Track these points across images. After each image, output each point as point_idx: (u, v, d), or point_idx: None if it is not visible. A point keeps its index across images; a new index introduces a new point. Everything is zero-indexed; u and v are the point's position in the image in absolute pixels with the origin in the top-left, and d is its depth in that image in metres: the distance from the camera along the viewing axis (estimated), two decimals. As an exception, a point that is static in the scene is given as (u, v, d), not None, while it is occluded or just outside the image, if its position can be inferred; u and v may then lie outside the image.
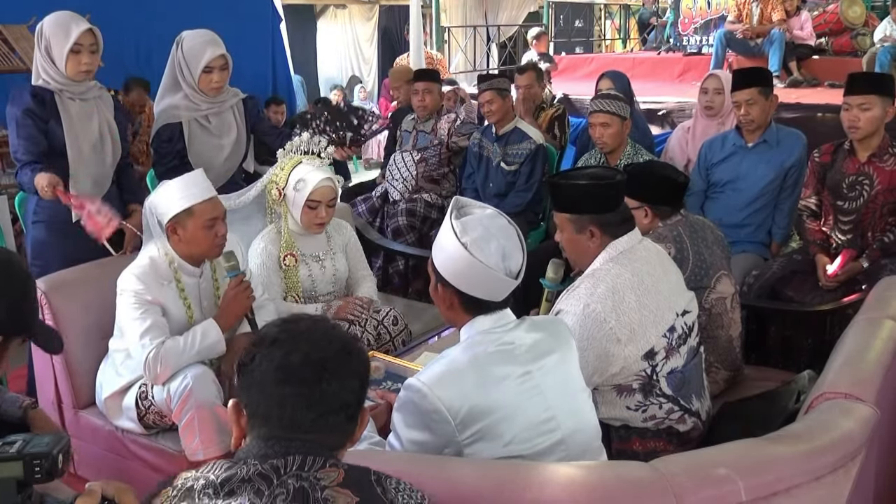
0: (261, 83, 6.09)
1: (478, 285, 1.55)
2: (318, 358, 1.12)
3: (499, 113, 3.98)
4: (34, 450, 1.03)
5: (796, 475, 1.34)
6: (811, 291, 2.96)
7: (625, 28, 14.44)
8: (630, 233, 2.00)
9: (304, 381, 1.11)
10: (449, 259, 1.56)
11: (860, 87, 2.88)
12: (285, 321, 1.20)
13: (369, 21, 12.42)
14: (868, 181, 2.92)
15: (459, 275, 1.55)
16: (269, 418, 1.11)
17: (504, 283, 1.55)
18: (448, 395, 1.48)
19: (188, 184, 2.28)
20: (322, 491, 1.05)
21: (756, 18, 6.86)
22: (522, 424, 1.52)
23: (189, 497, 1.06)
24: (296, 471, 1.06)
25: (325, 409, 1.12)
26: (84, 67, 2.67)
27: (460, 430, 1.49)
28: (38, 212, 2.79)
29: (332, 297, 2.83)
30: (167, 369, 2.22)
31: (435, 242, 1.62)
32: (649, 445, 2.00)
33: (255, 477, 1.05)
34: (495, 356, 1.54)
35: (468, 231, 1.54)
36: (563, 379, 1.61)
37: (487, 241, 1.53)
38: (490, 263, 1.52)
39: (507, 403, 1.52)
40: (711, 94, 3.74)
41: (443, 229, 1.58)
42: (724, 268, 2.38)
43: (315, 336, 1.16)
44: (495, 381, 1.52)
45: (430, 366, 1.56)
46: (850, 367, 1.73)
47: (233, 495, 1.04)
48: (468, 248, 1.52)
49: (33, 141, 2.65)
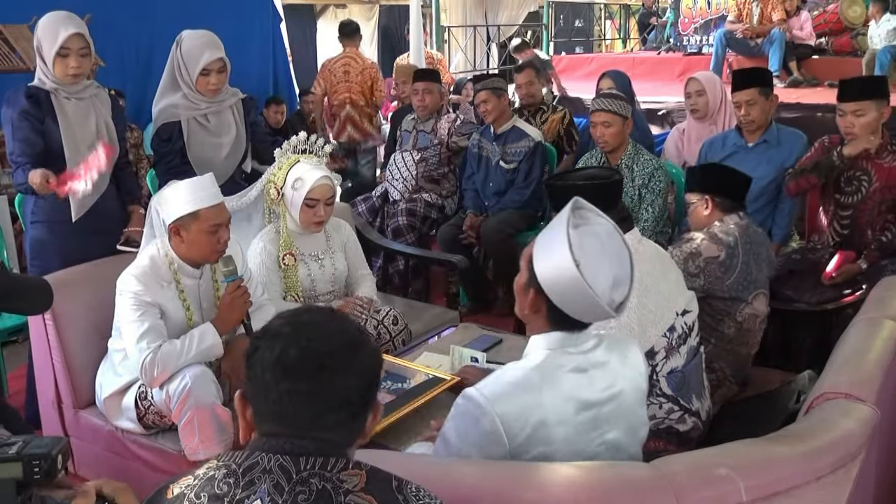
0: (261, 83, 6.09)
1: (574, 305, 1.43)
2: (317, 352, 1.07)
3: (494, 112, 3.98)
4: (33, 451, 1.03)
5: (796, 475, 1.34)
6: (810, 291, 2.96)
7: (625, 28, 14.45)
8: (629, 233, 2.00)
9: (302, 376, 1.07)
10: (555, 269, 1.42)
11: (853, 94, 2.88)
12: (292, 312, 1.15)
13: (369, 21, 12.40)
14: (866, 177, 2.92)
15: (560, 289, 1.42)
16: (269, 413, 1.09)
17: (602, 312, 1.42)
18: (510, 416, 1.39)
19: (196, 187, 2.28)
20: (346, 495, 1.03)
21: (756, 18, 6.86)
22: (571, 458, 1.44)
23: (209, 485, 1.05)
24: (318, 470, 1.04)
25: (325, 406, 1.07)
26: (72, 71, 2.65)
27: (513, 455, 1.41)
28: (37, 212, 2.78)
29: (331, 296, 2.83)
30: (164, 373, 2.22)
31: (541, 240, 1.48)
32: (649, 445, 1.98)
33: (276, 469, 1.04)
34: (566, 382, 1.44)
35: (584, 248, 1.40)
36: (620, 412, 1.52)
37: (601, 265, 1.40)
38: (597, 290, 1.39)
39: (565, 436, 1.43)
40: (694, 97, 3.74)
41: (555, 233, 1.43)
42: (765, 287, 2.41)
43: (318, 329, 1.10)
44: (560, 408, 1.42)
45: (494, 378, 1.46)
46: (850, 367, 1.73)
47: (252, 486, 1.03)
48: (580, 267, 1.38)
49: (29, 143, 2.64)
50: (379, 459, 1.37)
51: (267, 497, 1.02)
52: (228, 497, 1.03)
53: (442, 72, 6.40)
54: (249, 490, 1.03)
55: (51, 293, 1.67)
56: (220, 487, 1.04)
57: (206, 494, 1.04)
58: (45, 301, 1.66)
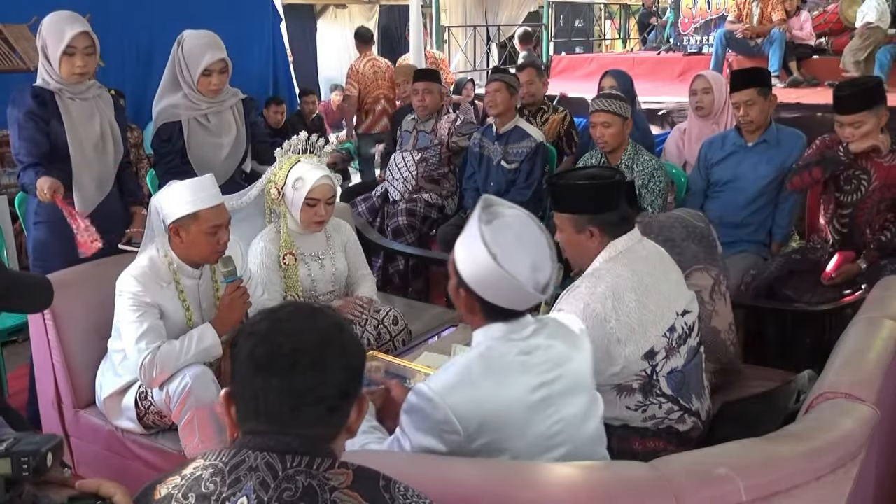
0: (261, 83, 6.09)
1: (503, 296, 1.49)
2: (290, 348, 1.07)
3: (502, 105, 3.96)
4: (23, 448, 1.03)
5: (796, 475, 1.34)
6: (809, 291, 2.96)
7: (625, 28, 14.44)
8: (630, 232, 2.00)
9: (274, 372, 1.07)
10: (476, 267, 1.49)
11: (849, 106, 2.85)
12: (271, 309, 1.15)
13: (369, 21, 12.41)
14: (866, 176, 2.92)
15: (485, 284, 1.49)
16: (249, 410, 1.09)
17: (530, 297, 1.49)
18: (460, 406, 1.45)
19: (197, 188, 2.28)
20: (331, 492, 1.03)
21: (756, 18, 6.86)
22: (530, 439, 1.50)
23: (197, 485, 1.05)
24: (304, 468, 1.05)
25: (300, 401, 1.07)
26: (78, 70, 2.66)
27: (469, 442, 1.47)
28: (40, 212, 2.79)
29: (331, 296, 2.83)
30: (163, 373, 2.22)
31: (460, 242, 1.55)
32: (649, 445, 1.99)
33: (263, 466, 1.04)
34: (511, 367, 1.50)
35: (499, 241, 1.46)
36: (573, 392, 1.58)
37: (518, 253, 1.47)
38: (520, 277, 1.45)
39: (519, 418, 1.49)
40: (700, 94, 3.75)
41: (470, 232, 1.51)
42: (698, 262, 2.35)
43: (292, 324, 1.10)
44: (509, 393, 1.48)
45: (443, 372, 1.52)
46: (850, 367, 1.73)
47: (238, 483, 1.04)
48: (497, 259, 1.44)
49: (35, 143, 2.65)
50: (379, 460, 1.38)
51: (253, 494, 1.02)
52: (215, 496, 1.04)
53: (443, 72, 6.42)
54: (235, 487, 1.03)
55: (51, 291, 1.68)
56: (206, 486, 1.04)
57: (193, 494, 1.04)
58: (45, 299, 1.66)
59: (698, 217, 2.47)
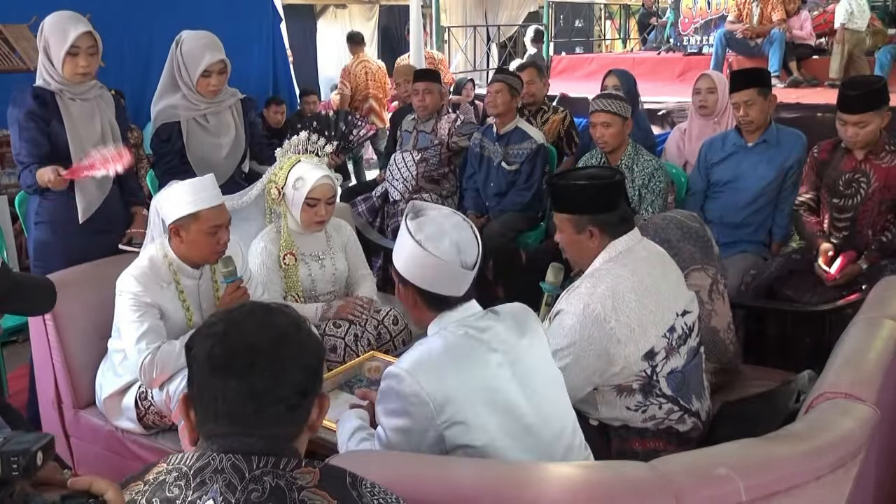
0: (261, 83, 6.10)
1: (436, 280, 1.58)
2: (245, 348, 1.07)
3: (502, 107, 3.95)
4: (12, 447, 1.03)
5: (796, 475, 1.34)
6: (809, 291, 2.96)
7: (625, 28, 14.44)
8: (630, 233, 2.00)
9: (234, 372, 1.06)
10: (406, 258, 1.61)
11: (855, 106, 2.84)
12: (227, 310, 1.15)
13: (369, 21, 12.41)
14: (865, 178, 2.92)
15: (417, 272, 1.59)
16: (209, 412, 1.08)
17: (461, 276, 1.58)
18: (426, 379, 1.51)
19: (197, 188, 2.28)
20: (299, 492, 1.03)
21: (756, 18, 6.86)
22: (495, 409, 1.55)
23: (161, 490, 1.05)
24: (271, 469, 1.05)
25: (261, 401, 1.06)
26: (81, 70, 2.66)
27: (438, 413, 1.51)
28: (41, 212, 2.79)
29: (332, 296, 2.83)
30: (163, 374, 2.22)
31: (395, 245, 1.66)
32: (649, 445, 1.99)
33: (228, 468, 1.04)
34: (467, 342, 1.57)
35: (422, 229, 1.59)
36: (533, 365, 1.63)
37: (441, 237, 1.57)
38: (445, 257, 1.56)
39: (481, 388, 1.54)
40: (704, 93, 3.75)
41: (400, 231, 1.63)
42: (695, 262, 2.35)
43: (248, 324, 1.10)
44: (469, 365, 1.55)
45: (407, 353, 1.59)
46: (850, 367, 1.73)
47: (203, 486, 1.03)
48: (422, 244, 1.56)
49: (36, 143, 2.65)
50: (379, 460, 1.38)
51: (220, 497, 1.02)
52: (180, 500, 1.03)
53: (443, 72, 6.43)
54: (201, 490, 1.03)
55: (54, 293, 1.67)
56: (171, 490, 1.04)
57: (157, 499, 1.04)
58: (48, 301, 1.65)
59: (692, 217, 2.47)
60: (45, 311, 1.82)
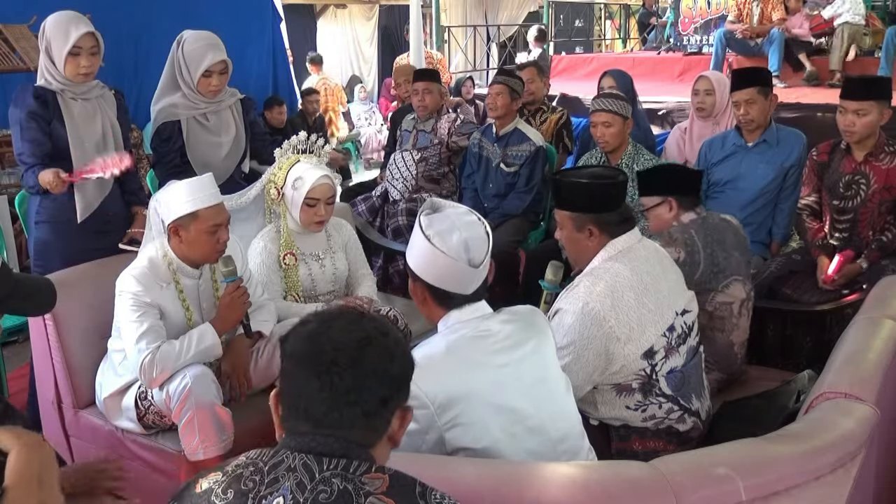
0: (261, 83, 6.09)
1: (443, 277, 1.59)
2: (330, 346, 1.09)
3: (502, 109, 3.94)
4: None
5: (796, 475, 1.34)
6: (809, 291, 2.96)
7: (625, 28, 14.44)
8: (629, 232, 2.00)
9: (315, 369, 1.08)
10: (417, 252, 1.63)
11: (858, 93, 2.86)
12: (320, 311, 1.18)
13: (369, 21, 12.42)
14: (864, 180, 2.92)
15: (426, 267, 1.61)
16: (292, 409, 1.11)
17: (468, 273, 1.59)
18: (426, 382, 1.49)
19: (196, 187, 2.27)
20: (366, 497, 1.03)
21: (756, 18, 6.86)
22: (498, 410, 1.54)
23: (237, 482, 1.06)
24: (341, 471, 1.05)
25: (337, 401, 1.08)
26: (83, 70, 2.67)
27: (439, 415, 1.51)
28: (41, 212, 2.79)
29: (331, 296, 2.83)
30: (163, 374, 2.22)
31: (409, 241, 1.68)
32: (649, 445, 2.00)
33: (300, 467, 1.05)
34: (471, 343, 1.58)
35: (433, 225, 1.60)
36: (539, 367, 1.63)
37: (450, 233, 1.58)
38: (452, 254, 1.56)
39: (483, 390, 1.54)
40: (702, 95, 3.75)
41: (414, 226, 1.65)
42: (739, 273, 2.37)
43: (337, 325, 1.12)
44: (471, 367, 1.55)
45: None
46: (850, 367, 1.73)
47: (276, 483, 1.05)
48: (431, 239, 1.58)
49: (37, 143, 2.65)
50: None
51: (289, 494, 1.04)
52: (253, 493, 1.05)
53: (442, 72, 6.43)
54: (273, 487, 1.05)
55: (54, 294, 1.68)
56: (245, 484, 1.06)
57: (232, 490, 1.06)
58: (49, 302, 1.65)
59: (742, 228, 2.52)
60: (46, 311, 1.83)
